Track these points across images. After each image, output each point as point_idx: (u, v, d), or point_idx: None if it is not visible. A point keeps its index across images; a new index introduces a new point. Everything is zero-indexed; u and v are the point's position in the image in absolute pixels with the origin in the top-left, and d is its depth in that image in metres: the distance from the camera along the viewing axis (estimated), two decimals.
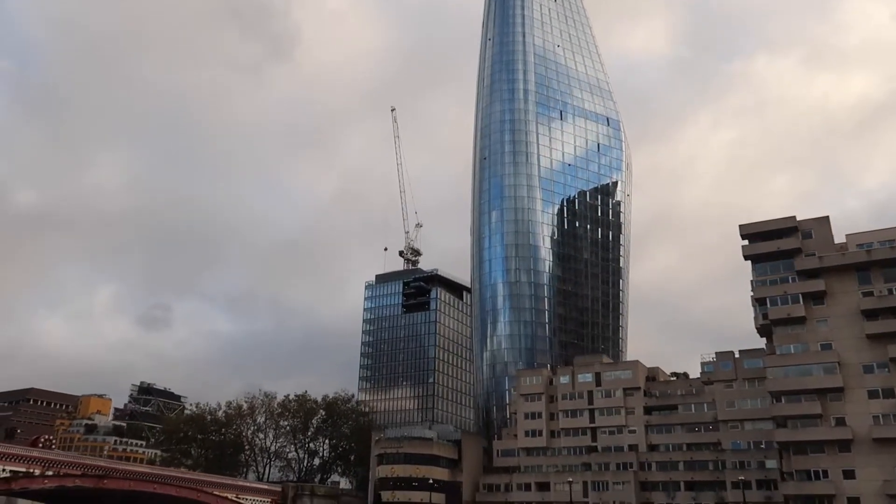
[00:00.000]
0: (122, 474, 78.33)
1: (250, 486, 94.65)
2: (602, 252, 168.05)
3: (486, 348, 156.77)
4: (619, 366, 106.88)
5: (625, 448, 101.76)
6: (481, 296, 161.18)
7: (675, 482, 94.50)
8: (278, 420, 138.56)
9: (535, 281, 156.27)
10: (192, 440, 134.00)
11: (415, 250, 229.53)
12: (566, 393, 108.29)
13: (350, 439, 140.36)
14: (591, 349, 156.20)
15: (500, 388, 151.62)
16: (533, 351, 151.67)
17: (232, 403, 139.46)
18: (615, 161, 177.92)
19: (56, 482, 71.71)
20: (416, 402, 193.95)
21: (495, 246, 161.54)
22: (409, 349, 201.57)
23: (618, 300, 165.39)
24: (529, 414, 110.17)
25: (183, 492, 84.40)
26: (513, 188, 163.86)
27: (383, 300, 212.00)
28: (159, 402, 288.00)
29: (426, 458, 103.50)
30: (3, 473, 67.19)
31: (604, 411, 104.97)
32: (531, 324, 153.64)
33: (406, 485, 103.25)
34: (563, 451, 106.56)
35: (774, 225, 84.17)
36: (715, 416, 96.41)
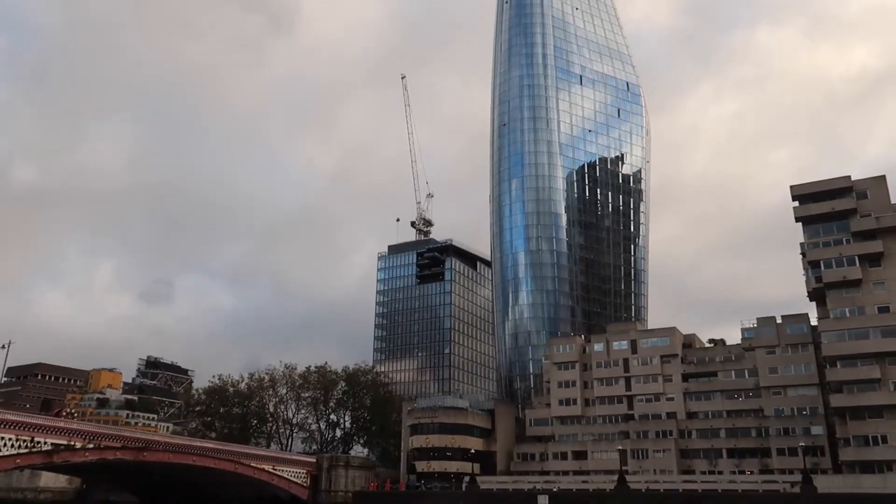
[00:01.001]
0: (161, 446, 76.33)
1: (286, 458, 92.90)
2: (623, 219, 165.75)
3: (507, 318, 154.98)
4: (656, 333, 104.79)
5: (662, 416, 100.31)
6: (502, 265, 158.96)
7: (716, 449, 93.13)
8: (300, 392, 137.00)
9: (556, 249, 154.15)
10: (214, 412, 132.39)
11: (426, 221, 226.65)
12: (601, 361, 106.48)
13: (371, 410, 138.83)
14: (613, 317, 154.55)
15: (524, 357, 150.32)
16: (556, 320, 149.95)
17: (254, 375, 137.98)
18: (635, 127, 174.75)
19: (97, 455, 69.64)
20: (432, 373, 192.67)
21: (516, 214, 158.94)
22: (424, 320, 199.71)
23: (640, 268, 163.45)
24: (563, 382, 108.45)
25: (221, 464, 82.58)
26: (533, 155, 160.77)
27: (396, 271, 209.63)
28: (167, 375, 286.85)
29: (461, 428, 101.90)
30: (45, 446, 65.00)
31: (640, 379, 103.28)
32: (553, 293, 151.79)
33: (439, 454, 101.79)
34: (598, 420, 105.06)
35: (828, 185, 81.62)
36: (756, 382, 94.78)
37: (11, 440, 62.57)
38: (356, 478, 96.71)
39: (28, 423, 64.30)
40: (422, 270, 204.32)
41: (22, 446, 63.29)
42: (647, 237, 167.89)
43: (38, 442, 64.62)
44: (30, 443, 63.87)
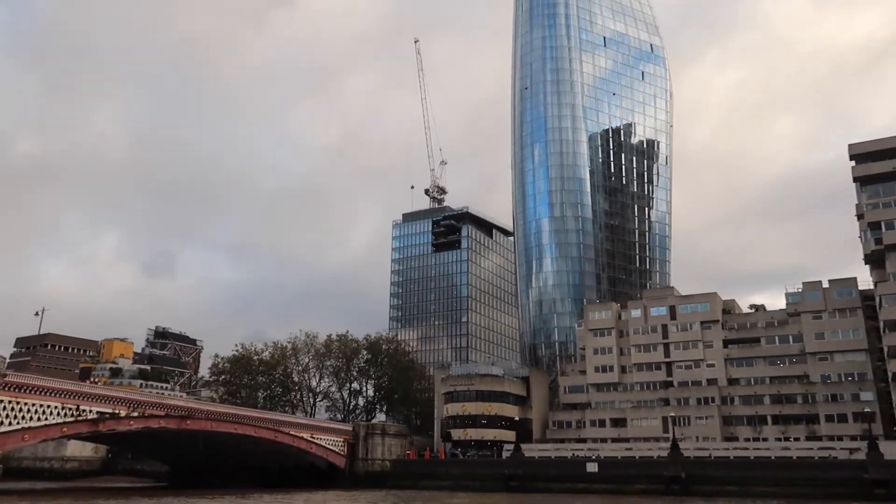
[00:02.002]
0: (204, 414, 74.43)
1: (324, 426, 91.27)
2: (647, 185, 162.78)
3: (531, 286, 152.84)
4: (696, 298, 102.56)
5: (703, 382, 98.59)
6: (525, 232, 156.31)
7: (761, 416, 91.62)
8: (323, 360, 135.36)
9: (581, 215, 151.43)
10: (238, 381, 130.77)
11: (440, 188, 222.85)
12: (638, 327, 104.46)
13: (393, 379, 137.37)
14: (638, 284, 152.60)
15: (548, 325, 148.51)
16: (581, 287, 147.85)
17: (277, 344, 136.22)
18: (659, 90, 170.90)
19: (142, 424, 67.73)
20: (449, 342, 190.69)
21: (539, 180, 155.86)
22: (440, 288, 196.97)
23: (664, 234, 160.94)
24: (599, 349, 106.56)
25: (260, 432, 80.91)
26: (556, 119, 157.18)
27: (411, 239, 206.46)
28: (175, 345, 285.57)
29: (498, 395, 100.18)
30: (91, 415, 62.97)
31: (679, 345, 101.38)
32: (578, 259, 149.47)
33: (474, 422, 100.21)
34: (635, 387, 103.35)
35: (889, 143, 78.66)
36: (802, 348, 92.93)
37: (57, 408, 60.53)
38: (392, 446, 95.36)
39: (73, 391, 62.22)
40: (437, 238, 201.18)
41: (68, 415, 61.29)
42: (670, 203, 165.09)
43: (84, 410, 62.62)
44: (75, 411, 61.86)
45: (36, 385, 59.20)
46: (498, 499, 66.61)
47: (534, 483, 78.38)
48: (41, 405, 59.25)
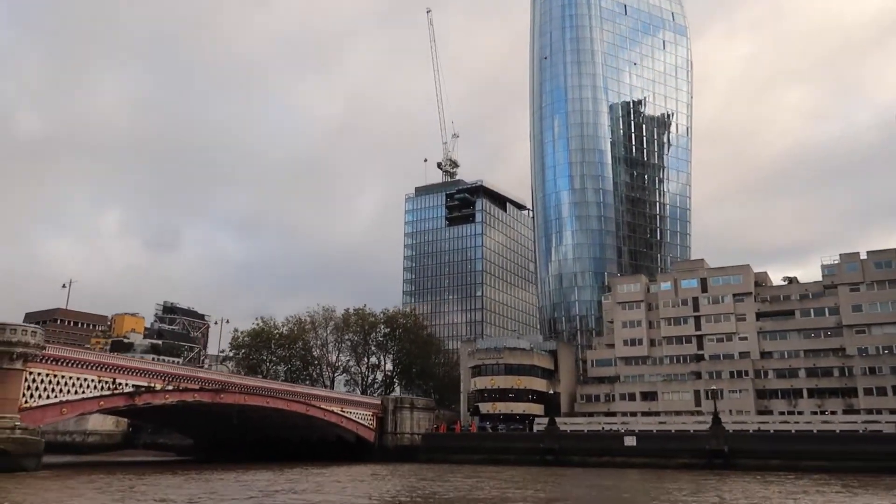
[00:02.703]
0: (237, 388, 73.10)
1: (354, 400, 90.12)
2: (668, 157, 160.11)
3: (550, 260, 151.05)
4: (728, 270, 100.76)
5: (735, 356, 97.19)
6: (544, 205, 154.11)
7: (796, 389, 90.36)
8: (342, 334, 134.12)
9: (602, 188, 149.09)
10: (258, 355, 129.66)
11: (452, 161, 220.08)
12: (668, 300, 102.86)
13: (411, 353, 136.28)
14: (659, 258, 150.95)
15: (568, 299, 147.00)
16: (602, 261, 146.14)
17: (294, 317, 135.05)
18: (680, 59, 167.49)
19: (177, 397, 66.36)
20: (463, 316, 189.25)
21: (559, 152, 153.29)
22: (454, 262, 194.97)
23: (685, 206, 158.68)
24: (628, 322, 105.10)
25: (292, 405, 79.68)
26: (577, 90, 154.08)
27: (425, 213, 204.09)
28: (184, 320, 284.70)
29: (527, 369, 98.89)
30: (127, 388, 61.54)
31: (711, 318, 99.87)
32: (599, 232, 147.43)
33: (502, 396, 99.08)
34: (665, 360, 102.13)
35: None
36: (838, 321, 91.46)
37: (94, 381, 59.07)
38: (421, 420, 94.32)
39: (110, 364, 60.73)
40: (451, 212, 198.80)
41: (105, 388, 59.87)
42: (690, 175, 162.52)
43: (120, 384, 61.19)
44: (112, 384, 60.43)
45: (73, 358, 57.69)
46: (538, 473, 65.41)
47: (570, 457, 77.22)
48: (78, 378, 57.78)
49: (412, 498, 38.00)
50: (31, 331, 52.79)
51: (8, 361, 51.06)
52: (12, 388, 51.38)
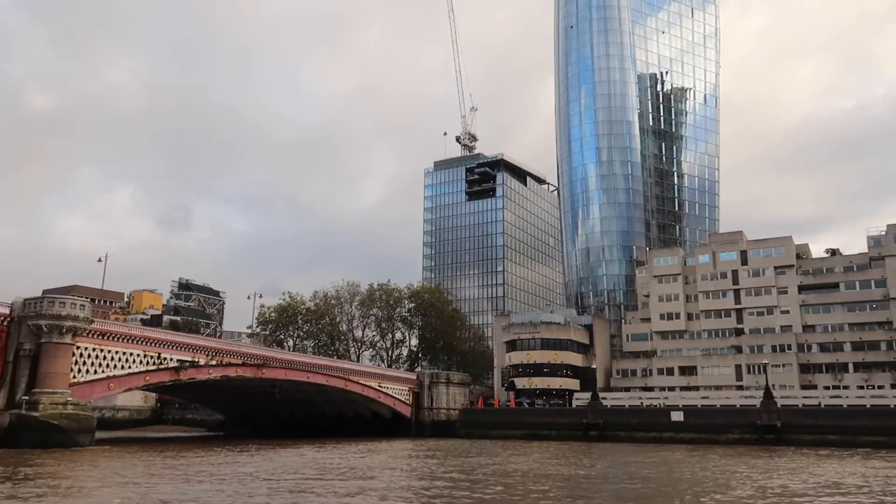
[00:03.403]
0: (279, 363, 71.81)
1: (391, 375, 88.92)
2: (695, 128, 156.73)
3: (577, 234, 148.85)
4: (769, 243, 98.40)
5: (776, 329, 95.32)
6: (570, 178, 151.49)
7: (841, 364, 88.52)
8: (368, 309, 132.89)
9: (629, 160, 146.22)
10: (285, 331, 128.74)
11: (471, 135, 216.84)
12: (707, 273, 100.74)
13: (437, 328, 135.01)
14: (688, 230, 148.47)
15: (595, 274, 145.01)
16: (630, 234, 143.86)
17: (319, 293, 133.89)
18: (708, 28, 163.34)
19: (220, 372, 65.09)
20: (485, 291, 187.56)
21: (585, 124, 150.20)
22: (475, 237, 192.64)
23: (713, 179, 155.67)
24: (664, 296, 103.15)
25: (332, 380, 78.44)
26: (604, 59, 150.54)
27: (444, 188, 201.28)
28: (199, 297, 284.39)
29: (563, 343, 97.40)
30: (172, 363, 60.24)
31: (751, 291, 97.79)
32: (626, 205, 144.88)
33: (537, 371, 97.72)
34: (703, 335, 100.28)
35: None
36: (885, 293, 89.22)
37: (139, 356, 57.76)
38: (456, 395, 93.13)
39: (155, 339, 59.43)
40: (471, 186, 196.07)
41: (150, 363, 58.57)
42: (718, 146, 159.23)
43: (165, 358, 59.89)
44: (157, 359, 59.13)
45: (120, 332, 56.30)
46: (587, 448, 64.07)
47: (614, 432, 75.79)
48: (124, 353, 56.46)
49: (485, 475, 36.52)
50: (80, 304, 51.34)
51: (58, 336, 49.67)
52: (62, 362, 50.05)
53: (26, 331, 49.57)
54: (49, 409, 47.53)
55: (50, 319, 49.37)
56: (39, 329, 49.48)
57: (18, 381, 48.71)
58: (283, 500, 25.86)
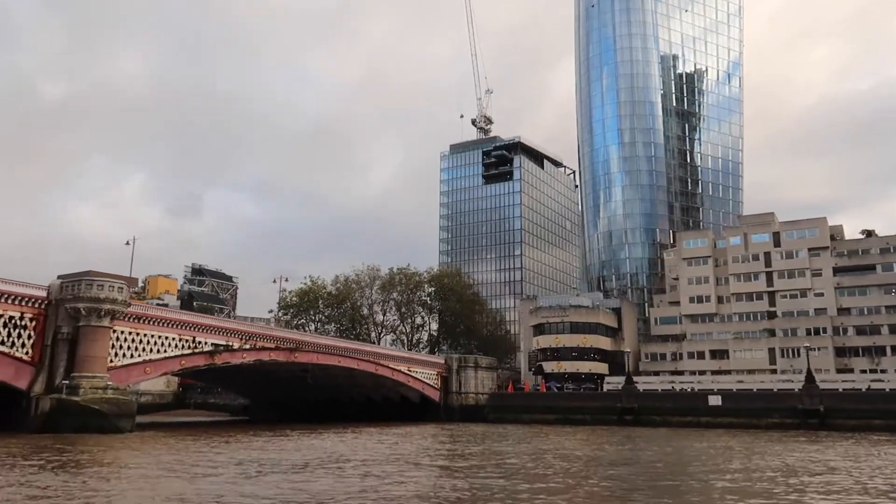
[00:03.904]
0: (311, 347, 70.71)
1: (420, 359, 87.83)
2: (719, 108, 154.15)
3: (599, 217, 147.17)
4: (803, 224, 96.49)
5: (810, 312, 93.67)
6: (592, 161, 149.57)
7: (878, 347, 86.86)
8: (389, 293, 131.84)
9: (653, 141, 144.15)
10: (307, 315, 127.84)
11: (487, 118, 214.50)
12: (738, 255, 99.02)
13: (458, 313, 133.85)
14: (711, 214, 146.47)
15: (617, 257, 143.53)
16: (653, 216, 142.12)
17: (339, 277, 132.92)
18: (731, 5, 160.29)
19: (254, 356, 64.05)
20: (503, 276, 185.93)
21: (607, 105, 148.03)
22: (492, 221, 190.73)
23: (737, 160, 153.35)
24: (694, 279, 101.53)
25: (363, 364, 77.38)
26: (626, 38, 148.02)
27: (460, 171, 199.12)
28: (213, 282, 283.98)
29: (592, 327, 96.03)
30: (206, 347, 59.19)
31: (784, 274, 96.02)
32: (649, 188, 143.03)
33: (565, 355, 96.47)
34: (734, 318, 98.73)
35: None
36: None
37: (175, 340, 56.71)
38: (484, 379, 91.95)
39: (190, 322, 58.30)
40: (488, 170, 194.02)
41: (185, 347, 57.53)
42: (742, 127, 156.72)
43: (200, 342, 58.82)
44: (191, 343, 58.07)
45: (155, 315, 55.27)
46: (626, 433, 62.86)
47: (649, 416, 74.48)
48: (160, 336, 55.41)
49: (554, 458, 35.23)
50: (119, 286, 50.16)
51: (96, 318, 48.57)
52: (101, 346, 49.00)
53: (64, 314, 48.52)
54: (89, 393, 46.51)
55: (88, 302, 48.25)
56: (77, 312, 48.40)
57: (57, 365, 47.70)
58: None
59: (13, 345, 46.35)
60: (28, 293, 47.71)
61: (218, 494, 21.84)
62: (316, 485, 24.66)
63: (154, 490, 22.82)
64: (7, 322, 46.11)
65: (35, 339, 47.72)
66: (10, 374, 46.08)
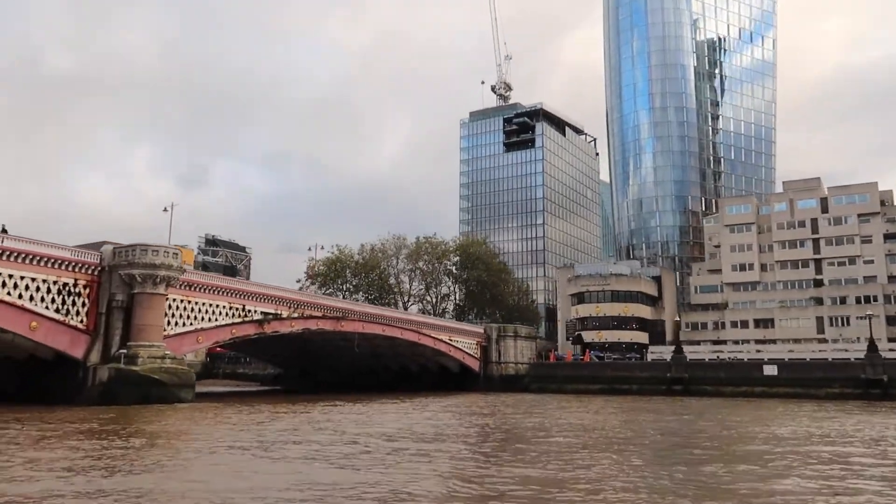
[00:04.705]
0: (357, 315, 68.77)
1: (461, 329, 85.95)
2: (752, 73, 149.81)
3: (628, 184, 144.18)
4: (853, 189, 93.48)
5: (859, 280, 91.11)
6: (621, 127, 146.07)
7: None
8: (416, 262, 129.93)
9: (685, 106, 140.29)
10: (333, 283, 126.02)
11: (506, 84, 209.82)
12: (783, 222, 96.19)
13: (484, 282, 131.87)
14: (746, 180, 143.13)
15: (647, 225, 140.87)
16: (684, 183, 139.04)
17: (366, 246, 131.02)
18: None
19: (301, 325, 62.12)
20: (524, 245, 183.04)
21: (637, 69, 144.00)
22: (513, 190, 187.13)
23: (770, 126, 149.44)
24: (737, 246, 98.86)
25: (406, 334, 75.53)
26: (657, 0, 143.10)
27: (481, 139, 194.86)
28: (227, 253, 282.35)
29: (634, 296, 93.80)
30: (256, 315, 57.22)
31: (832, 241, 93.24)
32: (681, 154, 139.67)
33: (604, 324, 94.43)
34: (777, 286, 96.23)
35: None
36: None
37: (225, 308, 54.70)
38: (524, 348, 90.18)
39: (240, 290, 56.30)
40: (509, 137, 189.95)
41: (235, 315, 55.55)
42: (775, 91, 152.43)
43: (249, 311, 56.85)
44: (242, 311, 56.08)
45: (207, 283, 53.22)
46: (683, 403, 60.97)
47: (701, 387, 72.52)
48: (211, 304, 53.41)
49: (631, 428, 33.23)
50: (173, 252, 48.00)
51: (152, 285, 46.47)
52: (156, 314, 47.00)
53: (118, 281, 46.42)
54: (148, 363, 44.64)
55: (143, 269, 46.09)
56: (132, 279, 46.29)
57: (112, 334, 45.75)
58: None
59: (68, 312, 44.37)
60: (82, 259, 45.57)
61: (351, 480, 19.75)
62: (428, 464, 22.61)
63: (290, 473, 20.78)
64: (61, 289, 44.07)
65: (89, 306, 45.72)
66: (66, 342, 44.18)
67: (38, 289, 42.83)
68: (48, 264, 43.49)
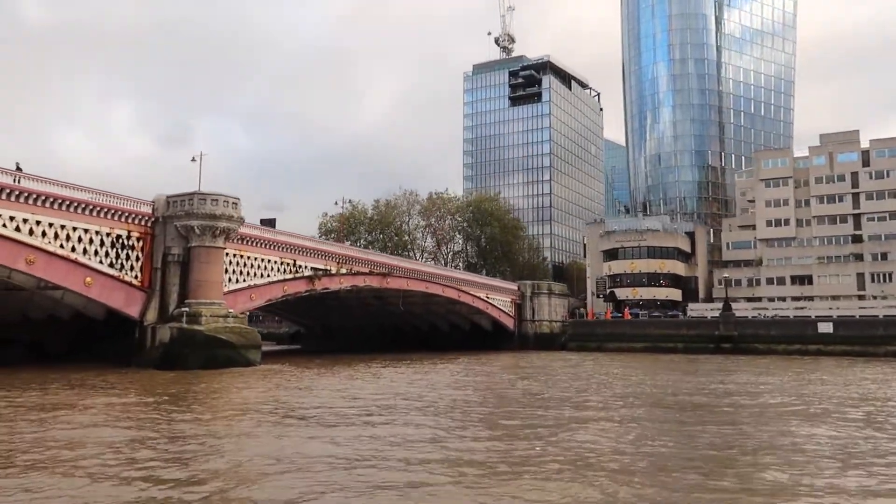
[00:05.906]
0: (402, 272, 65.19)
1: (497, 286, 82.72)
2: (773, 23, 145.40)
3: (645, 139, 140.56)
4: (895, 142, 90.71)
5: None
6: (638, 80, 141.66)
7: None
8: (430, 218, 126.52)
9: (706, 57, 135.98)
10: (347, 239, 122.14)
11: (510, 36, 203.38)
12: (821, 176, 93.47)
13: (496, 239, 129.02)
14: (765, 134, 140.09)
15: (665, 180, 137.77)
16: (703, 138, 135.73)
17: (380, 202, 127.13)
18: None
19: (349, 281, 58.41)
20: (530, 202, 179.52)
21: (656, 19, 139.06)
22: (519, 145, 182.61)
23: (790, 79, 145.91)
24: (773, 201, 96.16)
25: (447, 291, 72.17)
26: None
27: (485, 92, 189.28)
28: None
29: (669, 252, 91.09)
30: (307, 271, 53.33)
31: (873, 195, 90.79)
32: (700, 108, 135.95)
33: (636, 281, 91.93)
34: (814, 242, 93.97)
35: None
36: None
37: (276, 263, 50.77)
38: (557, 306, 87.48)
39: (292, 244, 52.30)
40: (514, 91, 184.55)
41: (287, 271, 51.68)
42: (795, 44, 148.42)
43: (300, 266, 52.97)
44: (293, 266, 52.19)
45: (259, 236, 49.07)
46: (742, 361, 58.74)
47: (751, 345, 70.41)
48: (263, 259, 49.44)
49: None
50: (233, 202, 43.65)
51: (211, 238, 42.33)
52: (216, 269, 42.99)
53: (173, 233, 42.19)
54: (212, 322, 40.77)
55: (203, 220, 41.83)
56: (189, 231, 42.06)
57: (169, 291, 41.74)
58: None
59: (122, 267, 40.19)
60: (134, 209, 41.21)
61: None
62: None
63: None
64: (115, 242, 39.79)
65: (143, 261, 41.55)
66: (121, 300, 40.12)
67: (91, 241, 38.55)
68: (101, 214, 39.10)
